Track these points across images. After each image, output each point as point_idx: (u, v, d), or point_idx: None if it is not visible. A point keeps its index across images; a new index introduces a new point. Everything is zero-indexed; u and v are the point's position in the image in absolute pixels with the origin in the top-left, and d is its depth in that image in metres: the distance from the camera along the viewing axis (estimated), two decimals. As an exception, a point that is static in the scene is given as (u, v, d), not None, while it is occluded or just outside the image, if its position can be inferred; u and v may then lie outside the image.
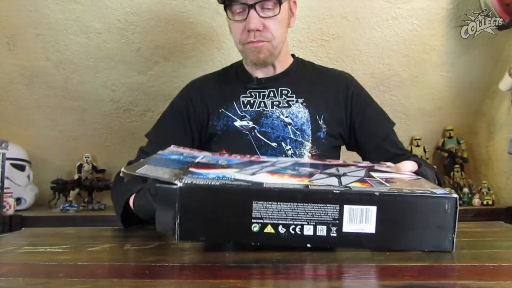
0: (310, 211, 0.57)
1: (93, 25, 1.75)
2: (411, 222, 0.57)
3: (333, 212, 0.57)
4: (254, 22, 0.99)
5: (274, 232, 0.57)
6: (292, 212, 0.57)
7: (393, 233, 0.57)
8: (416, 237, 0.57)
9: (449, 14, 1.78)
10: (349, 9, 1.75)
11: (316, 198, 0.57)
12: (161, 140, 1.09)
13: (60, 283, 0.47)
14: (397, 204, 0.57)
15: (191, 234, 0.58)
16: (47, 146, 2.15)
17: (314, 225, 0.57)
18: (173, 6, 1.72)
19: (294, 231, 0.57)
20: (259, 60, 1.04)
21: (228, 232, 0.58)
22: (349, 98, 1.10)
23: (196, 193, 0.58)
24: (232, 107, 1.09)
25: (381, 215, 0.57)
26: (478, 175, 2.17)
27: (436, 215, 0.57)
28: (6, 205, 1.85)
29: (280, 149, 1.05)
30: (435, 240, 0.57)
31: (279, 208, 0.57)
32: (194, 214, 0.57)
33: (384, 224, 0.57)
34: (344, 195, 0.57)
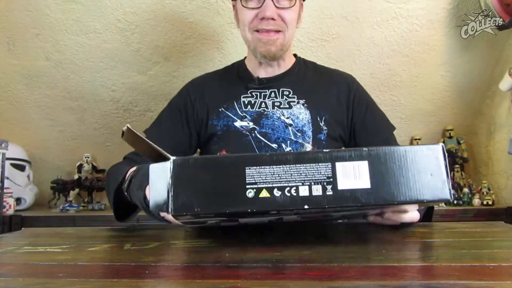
0: (303, 172, 0.57)
1: (93, 25, 1.75)
2: (404, 173, 0.58)
3: (326, 171, 0.57)
4: (270, 10, 0.98)
5: (269, 196, 0.56)
6: (286, 175, 0.57)
7: (388, 186, 0.57)
8: (412, 188, 0.57)
9: (449, 14, 1.78)
10: (349, 9, 1.75)
11: (308, 158, 0.58)
12: (159, 138, 1.08)
13: (60, 283, 0.47)
14: (387, 156, 0.58)
15: (185, 207, 0.57)
16: (47, 146, 2.15)
17: (309, 185, 0.57)
18: (173, 6, 1.72)
19: (290, 193, 0.56)
20: (269, 53, 1.03)
21: (223, 201, 0.57)
22: (350, 99, 1.10)
23: (188, 165, 0.58)
24: (232, 107, 1.08)
25: (373, 169, 0.57)
26: (478, 175, 2.17)
27: (426, 163, 0.58)
28: (6, 205, 1.86)
29: (280, 150, 1.04)
30: (432, 189, 0.57)
31: (272, 171, 0.57)
32: (188, 186, 0.57)
33: (377, 177, 0.57)
34: (334, 153, 0.58)
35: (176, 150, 1.09)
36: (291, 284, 0.45)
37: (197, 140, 1.13)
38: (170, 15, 1.74)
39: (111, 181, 0.92)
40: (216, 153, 1.06)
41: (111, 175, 0.96)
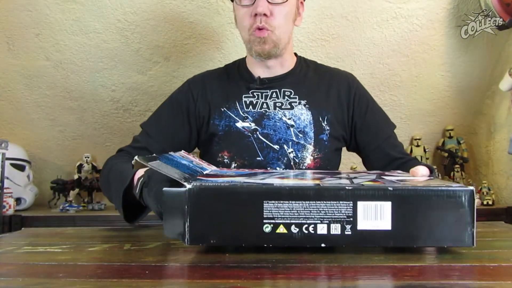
0: (323, 209, 0.55)
1: (93, 25, 1.75)
2: (428, 217, 0.55)
3: (347, 209, 0.55)
4: (262, 5, 0.98)
5: (287, 232, 0.55)
6: (305, 211, 0.55)
7: (409, 229, 0.55)
8: (434, 233, 0.56)
9: (449, 14, 1.78)
10: (349, 9, 1.75)
11: (329, 195, 0.56)
12: (156, 132, 1.08)
13: (60, 283, 0.47)
14: (412, 198, 0.56)
15: (202, 237, 0.57)
16: (47, 146, 2.15)
17: (328, 224, 0.55)
18: (173, 6, 1.72)
19: (308, 230, 0.55)
20: (263, 51, 1.02)
21: (239, 234, 0.56)
22: (351, 98, 1.10)
23: (205, 195, 0.57)
24: (234, 107, 1.07)
25: (396, 210, 0.55)
26: (478, 175, 2.17)
27: (452, 208, 0.55)
28: (6, 205, 1.85)
29: (282, 151, 1.04)
30: (454, 235, 0.56)
31: (291, 207, 0.56)
32: (204, 217, 0.56)
33: (399, 220, 0.55)
34: (357, 191, 0.56)
35: (175, 146, 1.08)
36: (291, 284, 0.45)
37: (196, 138, 1.11)
38: (170, 15, 1.74)
39: (114, 181, 0.90)
40: (218, 154, 1.06)
41: (112, 173, 0.94)
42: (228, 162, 1.05)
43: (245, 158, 1.04)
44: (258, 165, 1.03)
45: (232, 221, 0.56)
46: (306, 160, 1.04)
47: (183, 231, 0.56)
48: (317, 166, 1.05)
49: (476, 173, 2.19)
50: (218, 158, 1.05)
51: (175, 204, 0.57)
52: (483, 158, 2.14)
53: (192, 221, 0.56)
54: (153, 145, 1.06)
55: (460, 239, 0.56)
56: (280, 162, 1.04)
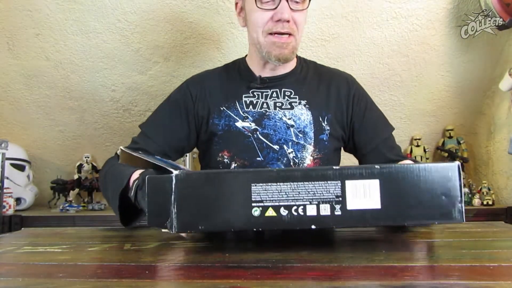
0: (311, 190, 0.55)
1: (92, 25, 1.75)
2: (416, 193, 0.55)
3: (335, 189, 0.55)
4: (287, 12, 0.98)
5: (276, 215, 0.55)
6: (293, 192, 0.55)
7: (399, 206, 0.55)
8: (423, 209, 0.55)
9: (449, 14, 1.78)
10: (349, 9, 1.75)
11: (316, 175, 0.56)
12: (155, 133, 1.07)
13: (60, 283, 0.47)
14: (399, 175, 0.56)
15: (190, 224, 0.56)
16: (47, 146, 2.15)
17: (317, 204, 0.55)
18: (173, 6, 1.72)
19: (297, 212, 0.55)
20: (283, 56, 1.02)
21: (228, 219, 0.56)
22: (350, 98, 1.10)
23: (192, 180, 0.56)
24: (234, 107, 1.07)
25: (385, 189, 0.55)
26: (478, 175, 2.17)
27: (440, 183, 0.56)
28: (6, 205, 1.86)
29: (282, 151, 1.04)
30: (443, 211, 0.56)
31: (279, 189, 0.55)
32: (192, 203, 0.55)
33: (388, 198, 0.55)
34: (344, 170, 0.56)
35: (173, 147, 1.08)
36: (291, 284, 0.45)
37: (195, 138, 1.11)
38: (170, 15, 1.74)
39: (111, 183, 0.90)
40: (218, 154, 1.05)
41: (109, 175, 0.95)
42: (228, 162, 1.04)
43: (245, 158, 1.04)
44: (258, 165, 1.03)
45: (220, 206, 0.56)
46: (306, 160, 1.04)
47: (170, 219, 0.55)
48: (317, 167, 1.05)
49: (476, 173, 2.19)
50: (218, 158, 1.05)
51: (161, 192, 0.56)
52: (483, 158, 2.14)
53: (179, 208, 0.55)
54: (152, 146, 1.06)
55: (450, 215, 0.56)
56: (280, 162, 1.03)
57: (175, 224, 0.55)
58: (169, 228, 0.57)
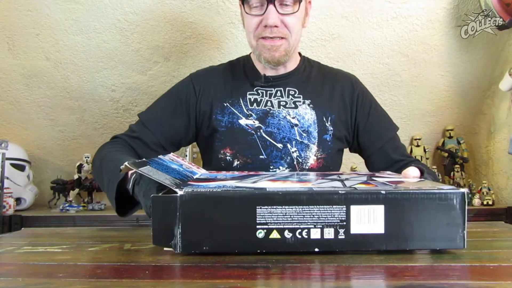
0: (316, 214, 0.55)
1: (92, 25, 1.75)
2: (420, 219, 0.56)
3: (340, 214, 0.55)
4: (273, 17, 0.97)
5: (280, 237, 0.55)
6: (298, 216, 0.55)
7: (402, 232, 0.56)
8: (426, 235, 0.56)
9: (449, 14, 1.78)
10: (349, 9, 1.75)
11: (322, 199, 0.56)
12: (153, 123, 1.06)
13: (60, 283, 0.47)
14: (404, 202, 0.56)
15: (194, 245, 0.56)
16: (47, 146, 2.15)
17: (321, 228, 0.55)
18: (173, 6, 1.72)
19: (301, 235, 0.55)
20: (273, 59, 1.02)
21: (232, 240, 0.56)
22: (354, 99, 1.09)
23: (197, 201, 0.56)
24: (238, 103, 1.06)
25: (389, 214, 0.56)
26: (478, 175, 2.17)
27: (444, 211, 0.56)
28: (6, 205, 1.86)
29: (286, 150, 1.03)
30: (446, 237, 0.56)
31: (284, 212, 0.55)
32: (196, 223, 0.56)
33: (392, 223, 0.56)
34: (350, 195, 0.56)
35: (170, 140, 1.07)
36: (291, 284, 0.45)
37: (194, 133, 1.10)
38: (170, 15, 1.74)
39: (107, 172, 0.88)
40: (220, 151, 1.05)
41: (106, 162, 0.92)
42: (231, 159, 1.04)
43: (248, 155, 1.03)
44: (261, 163, 1.03)
45: (224, 227, 0.56)
46: (310, 160, 1.04)
47: (175, 239, 0.56)
48: (320, 167, 1.04)
49: (476, 173, 2.19)
50: (220, 155, 1.05)
51: (165, 212, 0.56)
52: (483, 158, 2.14)
53: (184, 229, 0.55)
54: (149, 136, 1.05)
55: (452, 241, 0.57)
56: (283, 161, 1.03)
57: (180, 244, 0.56)
58: (173, 247, 0.57)
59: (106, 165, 0.91)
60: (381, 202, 0.56)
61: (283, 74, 1.09)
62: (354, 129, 1.10)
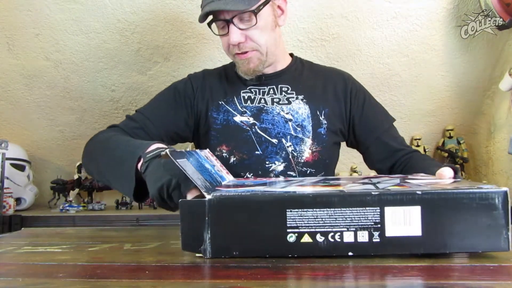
0: (349, 216, 0.53)
1: (93, 25, 1.75)
2: (459, 221, 0.53)
3: (374, 216, 0.53)
4: (233, 37, 0.99)
5: (312, 241, 0.54)
6: (330, 219, 0.54)
7: (440, 234, 0.53)
8: (466, 238, 0.53)
9: (449, 14, 1.78)
10: (349, 9, 1.75)
11: (354, 201, 0.54)
12: (154, 116, 1.07)
13: (60, 283, 0.47)
14: (442, 202, 0.53)
15: (224, 250, 0.55)
16: (47, 146, 2.15)
17: (355, 231, 0.53)
18: (173, 6, 1.72)
19: (334, 238, 0.53)
20: (249, 70, 1.04)
21: (262, 245, 0.55)
22: (348, 92, 1.11)
23: (226, 205, 0.55)
24: (232, 101, 1.09)
25: (426, 215, 0.53)
26: (478, 175, 2.17)
27: (485, 211, 0.53)
28: (6, 205, 1.86)
29: (281, 145, 1.05)
30: (489, 240, 0.53)
31: (315, 215, 0.54)
32: (225, 228, 0.55)
33: (429, 225, 0.53)
34: (383, 196, 0.53)
35: (169, 134, 1.09)
36: (291, 284, 0.45)
37: (192, 130, 1.12)
38: (170, 15, 1.74)
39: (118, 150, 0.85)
40: (216, 148, 1.06)
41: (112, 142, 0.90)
42: (227, 156, 1.06)
43: (244, 152, 1.05)
44: (257, 159, 1.05)
45: (254, 232, 0.54)
46: (305, 154, 1.05)
47: (204, 244, 0.55)
48: (315, 160, 1.06)
49: (476, 173, 2.19)
50: (217, 152, 1.06)
51: (194, 215, 0.55)
52: (483, 158, 2.14)
53: (213, 234, 0.54)
54: (150, 128, 1.06)
55: (495, 244, 0.53)
56: (279, 156, 1.05)
57: (209, 250, 0.55)
58: (203, 253, 0.56)
59: (116, 147, 0.87)
60: (417, 203, 0.53)
61: (275, 72, 1.11)
62: (349, 122, 1.11)
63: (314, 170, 1.06)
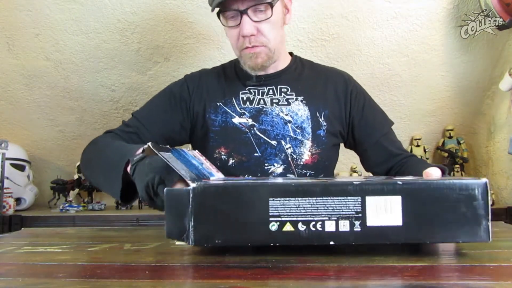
0: (331, 205, 0.54)
1: (92, 25, 1.75)
2: (440, 211, 0.53)
3: (355, 205, 0.54)
4: (247, 28, 0.97)
5: (294, 230, 0.54)
6: (312, 208, 0.54)
7: (421, 224, 0.54)
8: (447, 228, 0.54)
9: (449, 14, 1.78)
10: (349, 9, 1.75)
11: (336, 190, 0.54)
12: (148, 120, 1.07)
13: (60, 283, 0.47)
14: (423, 192, 0.54)
15: (206, 238, 0.55)
16: (47, 146, 2.15)
17: (336, 220, 0.54)
18: (173, 6, 1.72)
19: (315, 227, 0.54)
20: (257, 65, 1.03)
21: (245, 233, 0.55)
22: (348, 94, 1.10)
23: (210, 193, 0.56)
24: (231, 103, 1.07)
25: (407, 205, 0.53)
26: (478, 175, 2.17)
27: (465, 201, 0.53)
28: (6, 205, 1.86)
29: (280, 147, 1.04)
30: (469, 230, 0.54)
31: (297, 204, 0.54)
32: (209, 217, 0.55)
33: (410, 215, 0.53)
34: (365, 186, 0.54)
35: (165, 137, 1.08)
36: (291, 284, 0.45)
37: (188, 133, 1.11)
38: (170, 15, 1.74)
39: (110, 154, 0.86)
40: (215, 151, 1.05)
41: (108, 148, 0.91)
42: (226, 158, 1.04)
43: (243, 154, 1.04)
44: (256, 160, 1.03)
45: (237, 220, 0.55)
46: (304, 156, 1.04)
47: (187, 232, 0.55)
48: (315, 162, 1.05)
49: (476, 173, 2.19)
50: (215, 154, 1.05)
51: (178, 204, 0.56)
52: (483, 158, 2.14)
53: (196, 221, 0.55)
54: (144, 133, 1.05)
55: (475, 234, 0.54)
56: (278, 158, 1.04)
57: (192, 237, 0.55)
58: (185, 240, 0.56)
59: (109, 152, 0.89)
60: (398, 192, 0.54)
61: (274, 73, 1.10)
62: (349, 124, 1.10)
63: (314, 172, 1.05)
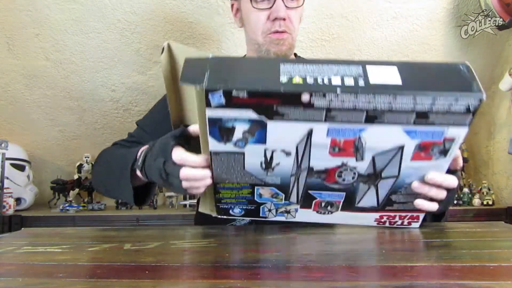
0: (336, 69, 0.59)
1: (93, 25, 1.75)
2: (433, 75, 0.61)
3: (357, 70, 0.59)
4: (283, 10, 0.98)
5: (302, 82, 0.58)
6: (319, 69, 0.59)
7: (419, 82, 0.59)
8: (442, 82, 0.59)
9: (449, 14, 1.78)
10: (349, 9, 1.75)
11: (340, 61, 0.60)
12: (151, 128, 1.07)
13: (60, 283, 0.47)
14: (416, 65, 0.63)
15: (219, 80, 0.58)
16: (47, 146, 2.15)
17: (341, 77, 0.58)
18: (172, 6, 1.72)
19: (322, 81, 0.58)
20: (281, 52, 1.02)
21: (256, 80, 0.59)
22: None
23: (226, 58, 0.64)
24: None
25: (403, 72, 0.59)
26: (478, 175, 2.17)
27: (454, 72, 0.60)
28: (6, 205, 1.85)
29: None
30: (463, 84, 0.58)
31: (305, 68, 0.59)
32: (224, 69, 0.60)
33: (408, 78, 0.59)
34: (365, 62, 0.60)
35: None
36: (291, 284, 0.45)
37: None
38: (170, 15, 1.74)
39: (116, 164, 0.89)
40: None
41: (114, 157, 0.94)
42: None
43: None
44: None
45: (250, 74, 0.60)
46: None
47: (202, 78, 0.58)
48: None
49: (476, 173, 2.19)
50: None
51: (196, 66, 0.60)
52: (483, 158, 2.14)
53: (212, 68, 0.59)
54: (148, 140, 1.05)
55: (469, 89, 0.58)
56: None
57: (206, 82, 0.57)
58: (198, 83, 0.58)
59: (113, 163, 0.92)
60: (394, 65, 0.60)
61: None
62: None
63: None
